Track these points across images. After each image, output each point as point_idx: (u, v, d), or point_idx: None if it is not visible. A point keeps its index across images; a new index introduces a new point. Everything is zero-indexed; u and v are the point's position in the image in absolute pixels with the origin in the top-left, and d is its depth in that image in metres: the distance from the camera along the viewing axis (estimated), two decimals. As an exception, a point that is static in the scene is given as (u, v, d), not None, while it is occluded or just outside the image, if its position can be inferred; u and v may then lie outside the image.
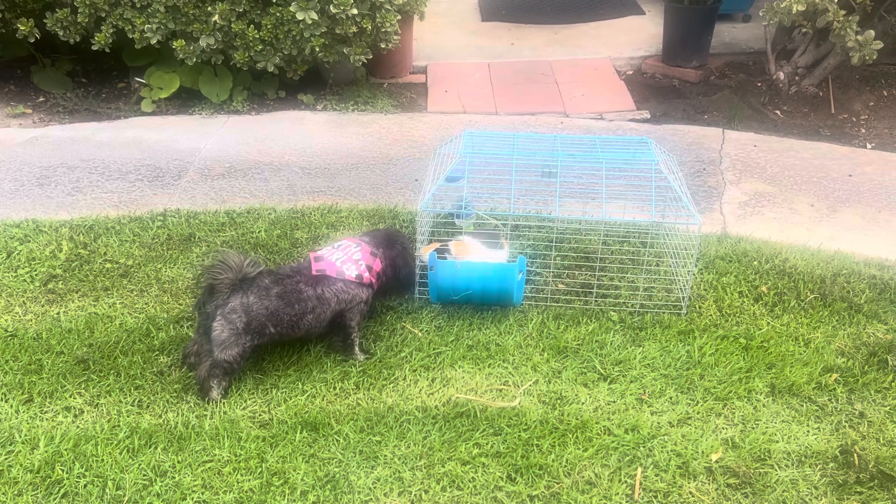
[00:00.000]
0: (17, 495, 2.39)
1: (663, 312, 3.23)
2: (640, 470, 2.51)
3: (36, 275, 3.43)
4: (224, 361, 2.72)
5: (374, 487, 2.44)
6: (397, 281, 3.22)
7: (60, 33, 5.08)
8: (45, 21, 5.04)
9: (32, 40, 5.15)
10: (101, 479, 2.45)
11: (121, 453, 2.54)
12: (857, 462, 2.56)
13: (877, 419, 2.73)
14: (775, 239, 3.80)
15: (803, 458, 2.57)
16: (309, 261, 2.96)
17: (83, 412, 2.72)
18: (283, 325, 2.82)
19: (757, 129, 5.16)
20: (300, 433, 2.61)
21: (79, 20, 4.99)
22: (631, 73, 6.17)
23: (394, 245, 3.20)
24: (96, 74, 5.90)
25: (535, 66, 6.11)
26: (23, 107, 5.41)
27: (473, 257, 3.29)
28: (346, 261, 2.98)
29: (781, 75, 5.52)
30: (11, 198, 4.15)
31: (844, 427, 2.71)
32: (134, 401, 2.77)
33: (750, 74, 5.89)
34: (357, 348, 2.99)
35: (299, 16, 4.81)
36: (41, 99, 5.57)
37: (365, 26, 5.03)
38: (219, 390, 2.76)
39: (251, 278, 2.79)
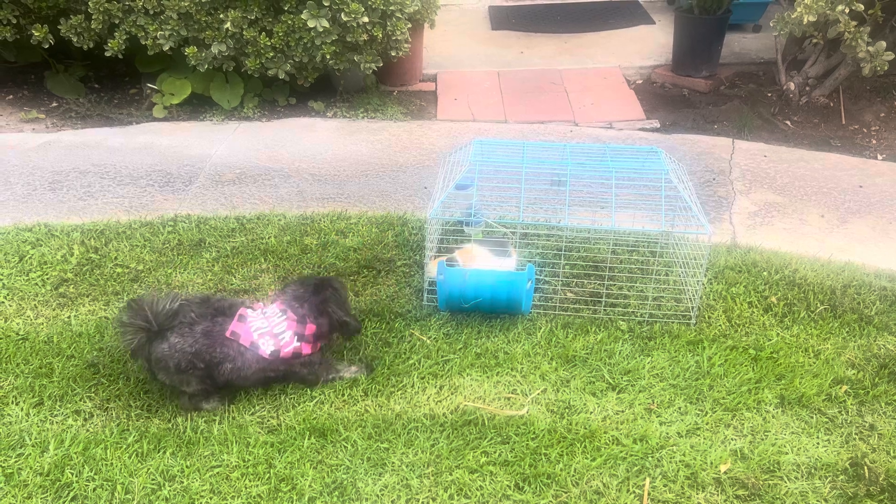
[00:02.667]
0: (26, 498, 2.40)
1: (672, 322, 3.23)
2: (648, 480, 2.50)
3: (47, 279, 3.45)
4: (193, 393, 2.70)
5: (382, 494, 2.44)
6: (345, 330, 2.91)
7: (74, 39, 5.13)
8: (59, 27, 5.09)
9: (46, 46, 5.20)
10: (110, 483, 2.46)
11: (130, 457, 2.55)
12: (867, 475, 2.54)
13: (887, 432, 2.72)
14: (785, 249, 3.79)
15: (813, 471, 2.56)
16: (238, 308, 2.75)
17: (93, 416, 2.73)
18: (206, 364, 2.63)
19: (767, 139, 5.15)
20: (308, 439, 2.61)
21: (92, 26, 5.04)
22: (640, 82, 6.18)
23: (321, 293, 2.85)
24: (109, 80, 5.95)
25: (545, 75, 6.13)
26: (36, 112, 5.45)
27: (480, 265, 3.29)
28: (266, 333, 2.72)
29: (792, 86, 5.51)
30: (24, 202, 4.18)
31: (854, 439, 2.69)
32: (143, 405, 2.78)
33: (760, 84, 5.88)
34: (338, 372, 2.89)
35: (311, 23, 4.84)
36: (54, 104, 5.62)
37: (376, 34, 5.06)
38: (212, 405, 2.75)
39: (172, 315, 2.60)
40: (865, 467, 2.57)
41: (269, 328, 2.73)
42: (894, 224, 4.08)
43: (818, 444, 2.67)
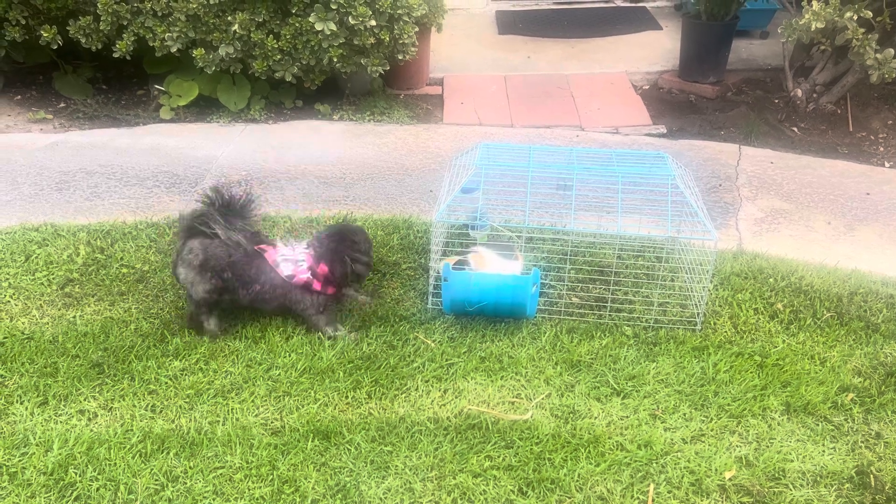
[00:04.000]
0: (30, 497, 2.41)
1: (678, 328, 3.22)
2: (652, 486, 2.49)
3: (53, 278, 3.46)
4: (200, 298, 3.01)
5: (385, 498, 2.43)
6: (354, 275, 3.19)
7: (83, 40, 5.15)
8: (67, 28, 5.11)
9: (55, 47, 5.22)
10: (113, 483, 2.46)
11: (133, 458, 2.55)
12: (873, 483, 2.53)
13: (894, 440, 2.70)
14: (791, 256, 3.78)
15: (818, 479, 2.54)
16: (278, 243, 3.15)
17: (97, 416, 2.73)
18: (235, 276, 3.01)
19: (774, 145, 5.14)
20: (312, 441, 2.61)
21: (101, 28, 5.06)
22: (647, 87, 6.18)
23: (342, 241, 3.15)
24: (116, 81, 5.98)
25: (552, 80, 6.13)
26: (44, 112, 5.48)
27: (490, 268, 3.29)
28: (288, 259, 3.09)
29: (799, 92, 5.50)
30: (31, 202, 4.20)
31: (860, 448, 2.68)
32: (147, 405, 2.78)
33: (767, 91, 5.88)
34: (324, 328, 3.14)
35: (318, 26, 4.85)
36: (62, 105, 5.64)
37: (383, 38, 5.07)
38: (211, 322, 3.06)
39: (234, 214, 3.02)
40: (872, 476, 2.55)
41: (292, 256, 3.10)
42: (901, 232, 4.07)
43: (824, 451, 2.65)
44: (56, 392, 2.81)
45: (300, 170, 4.62)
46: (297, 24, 4.94)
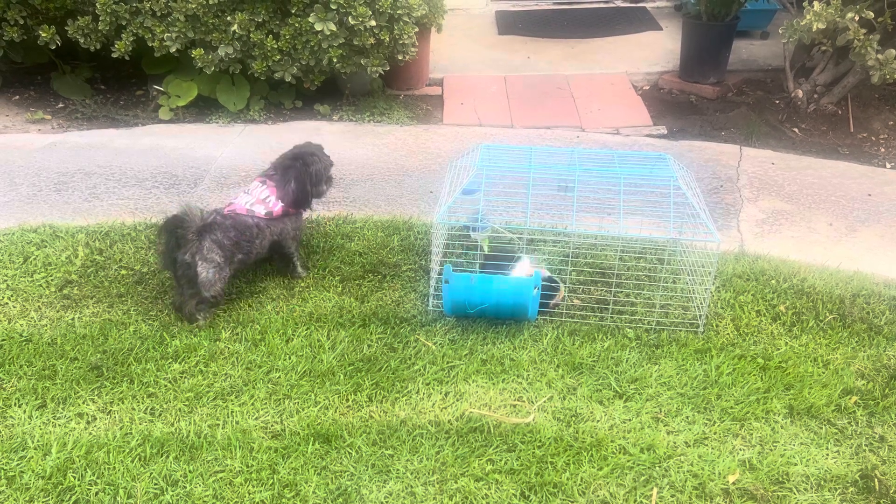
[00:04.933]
0: (28, 501, 2.39)
1: (680, 330, 3.20)
2: (655, 490, 2.48)
3: (52, 280, 3.44)
4: (211, 297, 3.12)
5: (387, 502, 2.42)
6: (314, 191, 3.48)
7: (81, 41, 5.12)
8: (66, 28, 5.08)
9: (53, 47, 5.20)
10: (112, 487, 2.44)
11: (132, 461, 2.53)
12: (877, 487, 2.51)
13: (898, 443, 2.69)
14: (793, 258, 3.76)
15: (822, 482, 2.53)
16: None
17: (96, 419, 2.71)
18: (242, 251, 3.21)
19: (775, 146, 5.12)
20: (312, 445, 2.59)
21: (100, 28, 5.04)
22: (647, 88, 6.16)
23: (296, 163, 3.45)
24: (115, 82, 5.95)
25: (552, 80, 6.11)
26: (42, 112, 5.45)
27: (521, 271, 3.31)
28: (255, 203, 3.28)
29: (800, 93, 5.49)
30: (29, 203, 4.18)
31: (864, 451, 2.66)
32: (147, 408, 2.76)
33: (768, 92, 5.86)
34: (299, 268, 3.49)
35: (318, 27, 4.84)
36: (60, 105, 5.62)
37: (383, 38, 5.05)
38: (204, 318, 3.17)
39: (209, 223, 3.13)
40: (876, 479, 2.54)
41: (255, 198, 3.30)
42: (903, 233, 4.06)
43: (828, 455, 2.64)
44: (54, 395, 2.79)
45: (300, 171, 4.59)
46: (297, 25, 4.92)
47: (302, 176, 3.42)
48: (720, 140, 5.22)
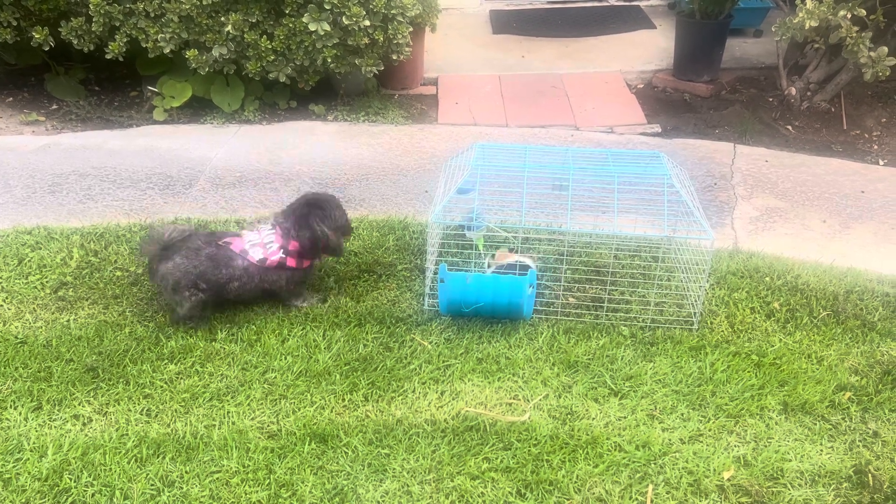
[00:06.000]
0: (24, 503, 2.39)
1: (674, 328, 3.21)
2: (651, 487, 2.49)
3: (47, 282, 3.43)
4: (183, 315, 3.08)
5: (383, 501, 2.42)
6: (327, 248, 3.20)
7: (75, 42, 5.11)
8: (59, 29, 5.07)
9: (47, 48, 5.19)
10: (108, 489, 2.44)
11: (129, 462, 2.53)
12: (871, 482, 2.53)
13: (891, 439, 2.70)
14: (787, 255, 3.78)
15: (817, 478, 2.54)
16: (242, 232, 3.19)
17: (92, 420, 2.71)
18: (211, 284, 3.04)
19: (768, 144, 5.14)
20: (308, 445, 2.60)
21: (93, 29, 5.03)
22: (642, 86, 6.18)
23: (309, 210, 3.14)
24: (109, 83, 5.95)
25: (546, 79, 6.12)
26: (36, 114, 5.44)
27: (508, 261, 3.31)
28: (256, 244, 3.11)
29: (793, 91, 5.51)
30: (24, 205, 4.17)
31: (858, 446, 2.68)
32: (143, 409, 2.76)
33: (761, 89, 5.88)
34: (300, 302, 3.28)
35: (312, 27, 4.84)
36: (54, 107, 5.61)
37: (377, 38, 5.05)
38: (196, 324, 3.11)
39: (180, 242, 3.02)
40: (870, 475, 2.55)
41: (260, 240, 3.12)
42: (896, 230, 4.08)
43: (822, 451, 2.65)
44: (50, 397, 2.79)
45: (294, 171, 4.60)
46: (291, 25, 4.92)
47: (313, 226, 3.11)
48: (714, 138, 5.24)
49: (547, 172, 3.38)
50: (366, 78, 5.56)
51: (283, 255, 3.11)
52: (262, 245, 3.11)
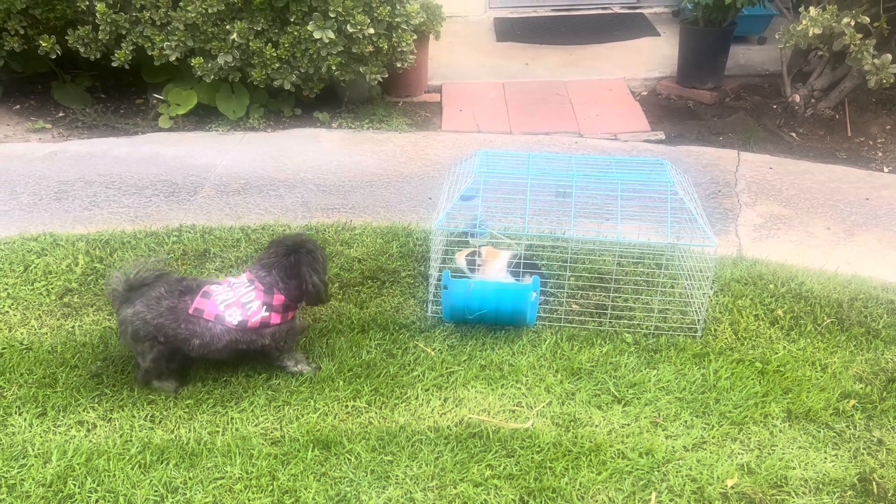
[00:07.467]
0: (28, 509, 2.40)
1: (678, 335, 3.21)
2: (654, 495, 2.48)
3: (52, 288, 3.45)
4: (147, 368, 2.79)
5: (386, 508, 2.42)
6: (312, 297, 2.86)
7: (81, 50, 5.15)
8: (66, 38, 5.11)
9: (53, 57, 5.22)
10: (112, 495, 2.44)
11: (133, 468, 2.54)
12: (875, 490, 2.52)
13: (896, 447, 2.69)
14: (791, 262, 3.77)
15: (821, 486, 2.53)
16: (206, 284, 2.79)
17: (96, 426, 2.72)
18: (170, 339, 2.71)
19: (772, 151, 5.14)
20: (312, 451, 2.60)
21: (100, 37, 5.06)
22: (645, 93, 6.18)
23: (299, 256, 2.81)
24: (115, 91, 5.98)
25: (550, 87, 6.13)
26: (43, 122, 5.47)
27: (499, 261, 3.31)
28: (232, 304, 2.74)
29: (797, 98, 5.51)
30: (30, 211, 4.19)
31: (863, 454, 2.67)
32: (146, 416, 2.77)
33: (765, 97, 5.88)
34: (293, 367, 2.93)
35: (317, 35, 4.86)
36: (61, 114, 5.64)
37: (381, 46, 5.07)
38: (164, 385, 2.84)
39: (148, 285, 2.75)
40: (874, 483, 2.54)
41: (235, 299, 2.76)
42: (901, 237, 4.07)
43: (826, 458, 2.64)
44: (55, 403, 2.80)
45: (299, 178, 4.62)
46: (296, 33, 4.94)
47: (304, 276, 2.79)
48: (718, 145, 5.24)
49: (551, 179, 3.38)
50: (370, 85, 5.58)
51: (267, 313, 2.77)
52: (238, 304, 2.74)
